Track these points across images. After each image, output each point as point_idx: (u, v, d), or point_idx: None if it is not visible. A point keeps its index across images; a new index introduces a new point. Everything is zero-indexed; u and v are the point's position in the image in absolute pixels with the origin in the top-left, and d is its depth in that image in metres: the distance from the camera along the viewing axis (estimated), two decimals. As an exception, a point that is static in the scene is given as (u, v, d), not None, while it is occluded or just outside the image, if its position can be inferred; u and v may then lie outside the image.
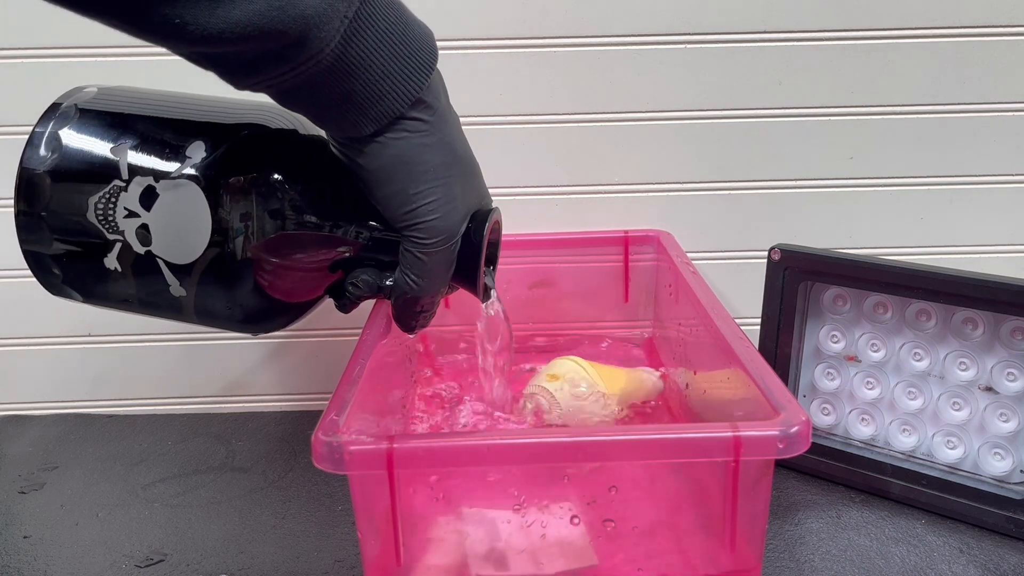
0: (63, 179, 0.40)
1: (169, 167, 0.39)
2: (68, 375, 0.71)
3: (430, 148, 0.39)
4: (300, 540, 0.53)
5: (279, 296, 0.42)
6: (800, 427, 0.35)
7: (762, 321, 0.58)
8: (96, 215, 0.40)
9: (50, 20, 0.62)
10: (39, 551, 0.52)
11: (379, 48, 0.36)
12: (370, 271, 0.43)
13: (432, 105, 0.39)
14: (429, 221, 0.40)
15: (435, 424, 0.57)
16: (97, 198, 0.40)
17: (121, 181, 0.40)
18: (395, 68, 0.37)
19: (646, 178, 0.67)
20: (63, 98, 0.42)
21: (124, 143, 0.40)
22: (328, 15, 0.33)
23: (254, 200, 0.40)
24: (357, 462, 0.35)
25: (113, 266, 0.41)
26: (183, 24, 0.31)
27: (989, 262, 0.67)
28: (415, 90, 0.37)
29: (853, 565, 0.48)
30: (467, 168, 0.42)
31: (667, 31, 0.63)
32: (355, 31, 0.35)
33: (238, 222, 0.39)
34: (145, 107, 0.42)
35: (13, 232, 0.41)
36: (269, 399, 0.72)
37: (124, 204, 0.40)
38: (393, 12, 0.36)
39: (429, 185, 0.39)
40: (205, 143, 0.40)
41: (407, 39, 0.37)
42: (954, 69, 0.63)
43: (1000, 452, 0.52)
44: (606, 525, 0.42)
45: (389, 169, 0.39)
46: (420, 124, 0.38)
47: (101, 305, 0.43)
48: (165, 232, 0.39)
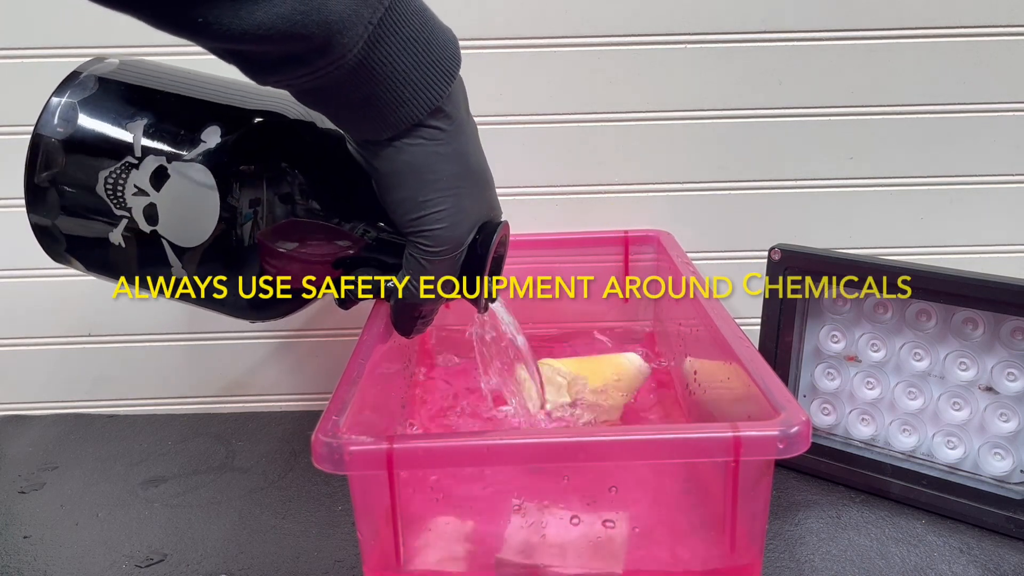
0: (75, 151, 0.40)
1: (183, 149, 0.39)
2: (68, 375, 0.71)
3: (444, 157, 0.39)
4: (300, 540, 0.53)
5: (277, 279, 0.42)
6: (800, 427, 0.35)
7: (762, 321, 0.58)
8: (105, 190, 0.39)
9: (50, 20, 0.62)
10: (39, 551, 0.52)
11: (401, 55, 0.36)
12: (373, 271, 0.43)
13: (451, 115, 0.39)
14: (436, 230, 0.40)
15: (447, 422, 0.57)
16: (108, 173, 0.39)
17: (133, 159, 0.39)
18: (416, 75, 0.36)
19: (646, 178, 0.67)
20: (84, 67, 0.42)
21: (140, 120, 0.40)
22: (352, 21, 0.33)
23: (264, 191, 0.39)
24: (357, 462, 0.35)
25: (117, 241, 0.40)
26: (206, 23, 0.31)
27: (989, 262, 0.67)
28: (435, 99, 0.37)
29: (853, 565, 0.48)
30: (480, 179, 0.42)
31: (667, 31, 0.63)
32: (379, 37, 0.35)
33: (246, 210, 0.39)
34: (164, 84, 0.42)
35: (13, 233, 0.41)
36: (269, 399, 0.72)
37: (134, 182, 0.39)
38: (418, 19, 0.36)
39: (439, 194, 0.39)
40: (221, 128, 0.39)
41: (430, 47, 0.37)
42: (954, 69, 0.64)
43: (1000, 452, 0.52)
44: (606, 525, 0.42)
45: (401, 174, 0.39)
46: (437, 132, 0.38)
47: (101, 276, 0.43)
48: (172, 214, 0.39)
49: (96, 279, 0.44)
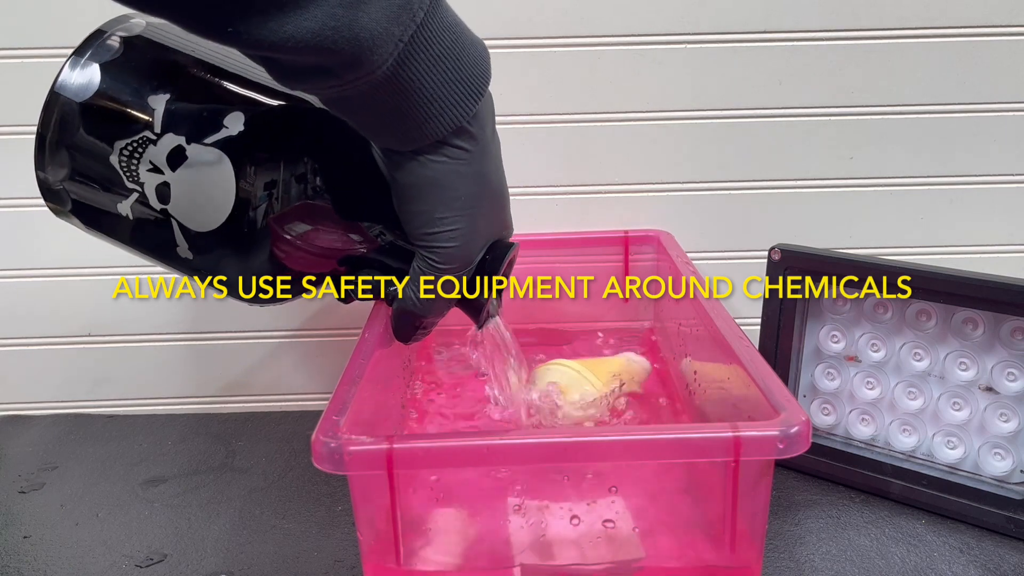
0: (93, 116, 0.38)
1: (203, 132, 0.38)
2: (68, 375, 0.71)
3: (464, 177, 0.39)
4: (300, 540, 0.53)
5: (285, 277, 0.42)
6: (800, 427, 0.35)
7: (762, 321, 0.58)
8: (120, 161, 0.38)
9: (50, 20, 0.62)
10: (39, 551, 0.52)
11: (430, 73, 0.35)
12: (377, 272, 0.43)
13: (475, 135, 0.38)
14: (447, 248, 0.40)
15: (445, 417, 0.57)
16: (124, 144, 0.38)
17: (152, 134, 0.38)
18: (443, 93, 0.36)
19: (646, 178, 0.67)
20: (108, 26, 0.40)
21: (163, 95, 0.38)
22: (383, 39, 0.33)
23: (280, 187, 0.39)
24: (357, 462, 0.35)
25: (125, 213, 0.39)
26: (236, 32, 0.31)
27: (989, 262, 0.67)
28: (460, 118, 0.37)
29: (853, 565, 0.48)
30: (497, 200, 0.42)
31: (667, 31, 0.63)
32: (408, 55, 0.34)
33: (260, 203, 0.38)
34: (191, 56, 0.40)
35: (14, 233, 0.40)
36: (269, 399, 0.72)
37: (150, 157, 0.38)
38: (449, 35, 0.36)
39: (456, 213, 0.39)
40: (245, 115, 0.38)
41: (460, 64, 0.36)
42: (954, 69, 0.64)
43: (1000, 452, 0.52)
44: (606, 525, 0.42)
45: (420, 188, 0.39)
46: (460, 152, 0.38)
47: (101, 239, 0.42)
48: (185, 196, 0.38)
49: (95, 277, 0.44)
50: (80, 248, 0.67)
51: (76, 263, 0.67)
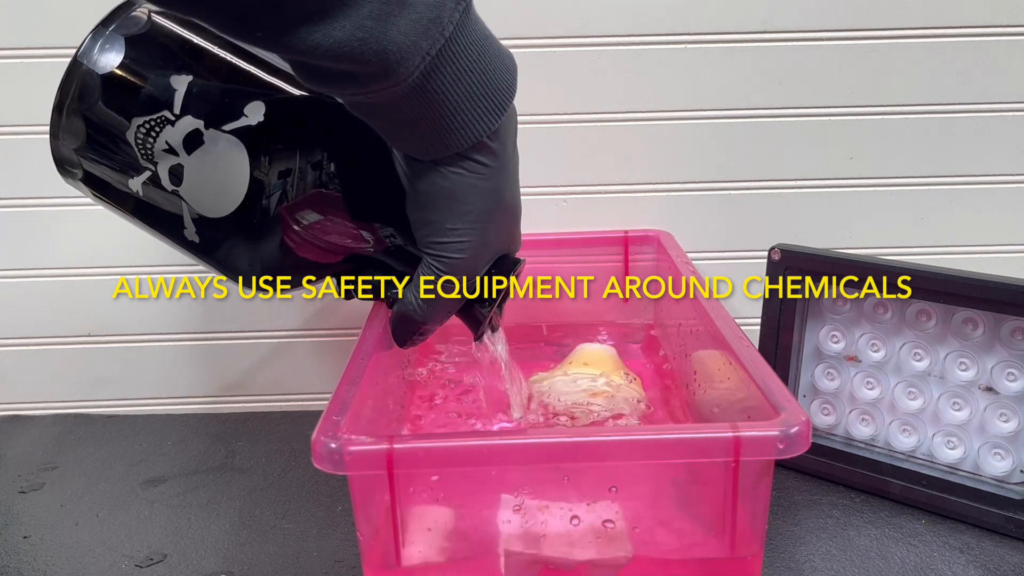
0: (113, 89, 0.38)
1: (223, 118, 0.38)
2: (68, 375, 0.71)
3: (480, 192, 0.39)
4: (300, 540, 0.53)
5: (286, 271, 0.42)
6: (800, 427, 0.35)
7: (762, 321, 0.58)
8: (136, 138, 0.38)
9: (50, 20, 0.62)
10: (39, 551, 0.52)
11: (454, 86, 0.35)
12: (380, 273, 0.43)
13: (496, 151, 0.38)
14: (455, 259, 0.40)
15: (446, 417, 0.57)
16: (142, 121, 0.38)
17: (171, 114, 0.37)
18: (467, 106, 0.36)
19: (646, 178, 0.67)
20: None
21: (185, 76, 0.38)
22: (411, 52, 0.33)
23: (295, 180, 0.39)
24: (357, 462, 0.35)
25: (136, 189, 0.39)
26: (264, 38, 0.31)
27: (989, 262, 0.67)
28: (481, 132, 0.37)
29: (853, 565, 0.48)
30: (509, 216, 0.42)
31: (667, 31, 0.63)
32: (435, 68, 0.34)
33: (273, 194, 0.38)
34: (218, 39, 0.39)
35: (14, 233, 0.40)
36: (269, 399, 0.72)
37: (166, 138, 0.38)
38: (476, 49, 0.36)
39: (467, 226, 0.39)
40: (266, 105, 0.38)
41: (486, 78, 0.36)
42: (954, 69, 0.64)
43: (1000, 452, 0.52)
44: (606, 525, 0.42)
45: (435, 197, 0.39)
46: (478, 166, 0.38)
47: (107, 208, 0.42)
48: (198, 181, 0.38)
49: (95, 277, 0.43)
50: (80, 248, 0.67)
51: (76, 263, 0.67)
